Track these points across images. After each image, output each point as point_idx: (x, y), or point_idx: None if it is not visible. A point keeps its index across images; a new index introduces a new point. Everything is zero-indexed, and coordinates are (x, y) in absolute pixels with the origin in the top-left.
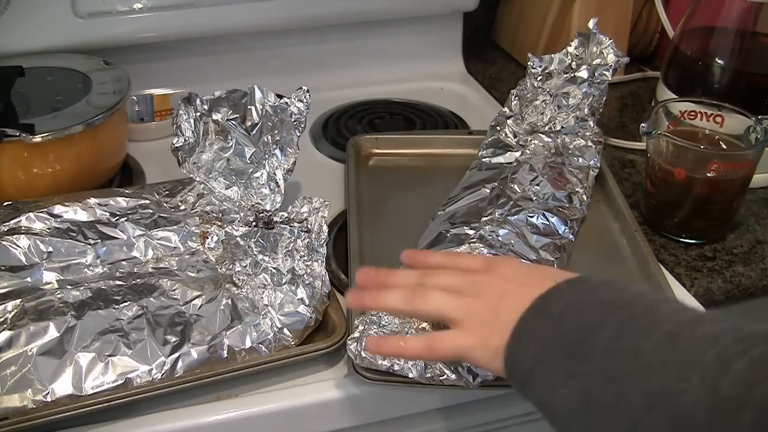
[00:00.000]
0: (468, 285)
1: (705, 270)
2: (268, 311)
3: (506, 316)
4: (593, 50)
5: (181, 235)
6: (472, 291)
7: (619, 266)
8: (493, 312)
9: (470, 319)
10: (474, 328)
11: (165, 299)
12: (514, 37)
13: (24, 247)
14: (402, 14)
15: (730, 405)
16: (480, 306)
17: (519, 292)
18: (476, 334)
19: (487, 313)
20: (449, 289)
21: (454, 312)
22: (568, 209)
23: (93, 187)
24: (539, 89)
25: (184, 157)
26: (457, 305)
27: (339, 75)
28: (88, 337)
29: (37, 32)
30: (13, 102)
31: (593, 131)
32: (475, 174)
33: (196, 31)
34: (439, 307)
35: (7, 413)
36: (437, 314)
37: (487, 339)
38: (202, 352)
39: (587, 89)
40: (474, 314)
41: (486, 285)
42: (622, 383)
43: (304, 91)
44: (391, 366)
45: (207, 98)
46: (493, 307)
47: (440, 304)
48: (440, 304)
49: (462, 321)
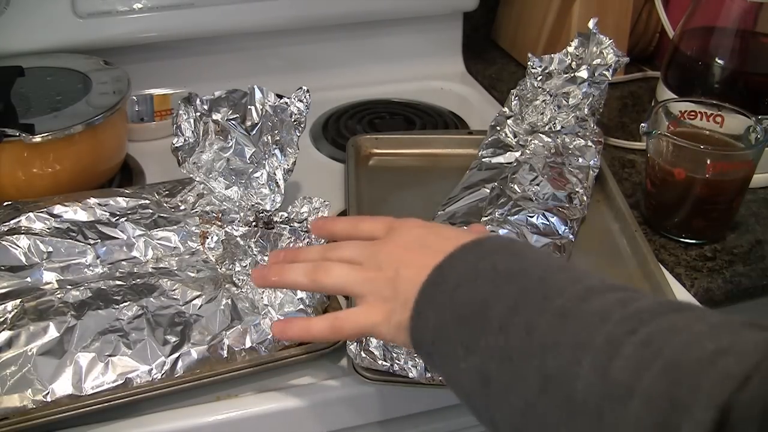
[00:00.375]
0: (368, 256)
1: (705, 270)
2: (268, 311)
3: (406, 289)
4: (593, 50)
5: (181, 235)
6: (373, 263)
7: (619, 266)
8: (393, 285)
9: (372, 294)
10: (377, 304)
11: (165, 299)
12: (514, 37)
13: (24, 247)
14: (402, 14)
15: (619, 392)
16: (380, 280)
17: (417, 262)
18: (379, 310)
19: (388, 287)
20: (352, 261)
21: (355, 287)
22: (568, 209)
23: (93, 187)
24: (539, 89)
25: (184, 157)
26: (357, 279)
27: (339, 75)
28: (88, 337)
29: (37, 32)
30: (13, 102)
31: (593, 131)
32: (475, 174)
33: (196, 31)
34: (340, 281)
35: (7, 413)
36: (339, 289)
37: (389, 314)
38: (202, 352)
39: (587, 89)
40: (376, 289)
41: (386, 256)
42: (518, 362)
43: (304, 91)
44: (391, 366)
45: (207, 98)
46: (393, 281)
47: (341, 279)
48: (341, 279)
49: (365, 296)
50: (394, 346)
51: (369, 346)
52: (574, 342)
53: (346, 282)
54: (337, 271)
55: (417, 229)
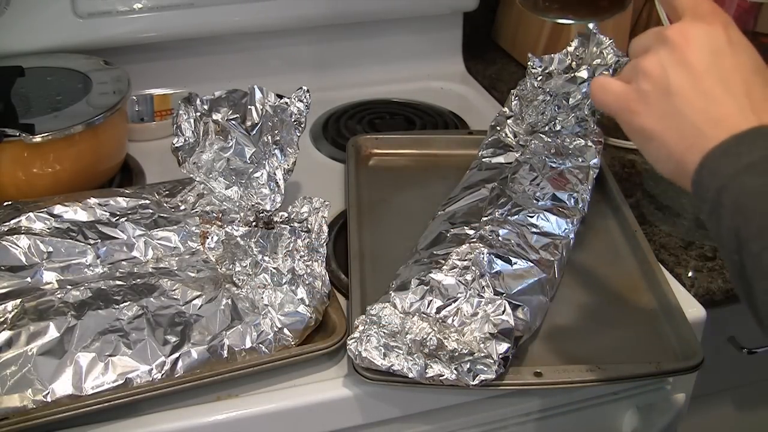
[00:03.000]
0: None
1: (705, 270)
2: (268, 311)
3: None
4: (593, 50)
5: (181, 235)
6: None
7: (619, 266)
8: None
9: None
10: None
11: (165, 299)
12: (514, 37)
13: (24, 247)
14: (402, 14)
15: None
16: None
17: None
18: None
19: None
20: None
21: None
22: (568, 209)
23: (93, 187)
24: (539, 89)
25: (184, 157)
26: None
27: (339, 75)
28: (88, 337)
29: (37, 32)
30: (13, 102)
31: (593, 131)
32: (475, 174)
33: (196, 31)
34: None
35: (7, 413)
36: None
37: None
38: (202, 352)
39: (587, 89)
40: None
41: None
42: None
43: (304, 91)
44: (391, 366)
45: (207, 98)
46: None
47: None
48: None
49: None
50: (394, 345)
51: (369, 346)
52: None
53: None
54: None
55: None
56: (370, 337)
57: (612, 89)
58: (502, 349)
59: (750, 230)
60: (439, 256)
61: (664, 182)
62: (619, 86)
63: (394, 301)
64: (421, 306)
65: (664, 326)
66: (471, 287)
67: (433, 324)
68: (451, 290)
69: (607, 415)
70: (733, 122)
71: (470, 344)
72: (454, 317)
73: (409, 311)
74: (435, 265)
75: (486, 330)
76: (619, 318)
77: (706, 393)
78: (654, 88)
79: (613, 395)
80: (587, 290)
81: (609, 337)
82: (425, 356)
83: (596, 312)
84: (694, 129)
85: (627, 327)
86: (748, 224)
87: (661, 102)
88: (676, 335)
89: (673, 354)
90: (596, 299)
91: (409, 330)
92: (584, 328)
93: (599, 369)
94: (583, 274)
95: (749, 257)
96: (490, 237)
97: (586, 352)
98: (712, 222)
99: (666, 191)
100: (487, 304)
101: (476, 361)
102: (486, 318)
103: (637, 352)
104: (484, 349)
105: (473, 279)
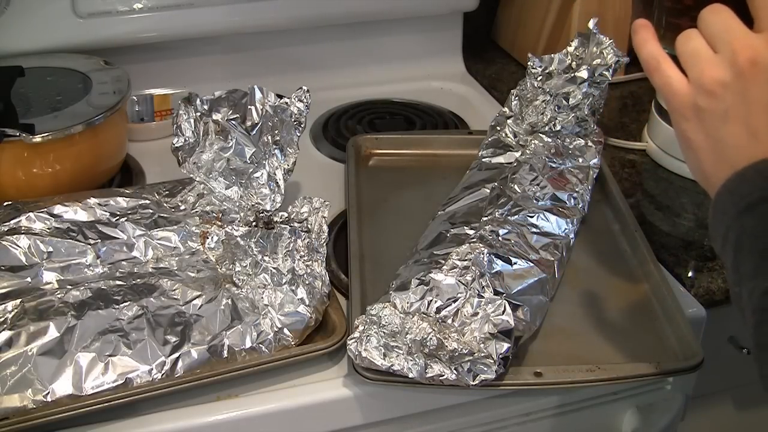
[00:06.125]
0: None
1: (705, 270)
2: (268, 311)
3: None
4: (593, 50)
5: (181, 235)
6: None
7: (619, 266)
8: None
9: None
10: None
11: (165, 299)
12: (514, 37)
13: (24, 247)
14: (402, 14)
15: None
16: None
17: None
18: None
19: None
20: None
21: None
22: (568, 209)
23: (93, 187)
24: (539, 89)
25: (184, 157)
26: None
27: (339, 75)
28: (88, 337)
29: (37, 32)
30: (13, 102)
31: (593, 131)
32: (475, 174)
33: (196, 31)
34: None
35: (7, 413)
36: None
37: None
38: (202, 352)
39: (587, 89)
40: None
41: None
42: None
43: (304, 91)
44: (391, 366)
45: (207, 98)
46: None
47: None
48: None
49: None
50: (394, 345)
51: (369, 346)
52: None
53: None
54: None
55: None
56: (370, 337)
57: (673, 89)
58: (502, 349)
59: (746, 268)
60: (439, 256)
61: (664, 182)
62: (682, 87)
63: (394, 301)
64: (421, 306)
65: (664, 326)
66: (471, 287)
67: (433, 324)
68: (451, 290)
69: (607, 415)
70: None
71: (470, 344)
72: (454, 317)
73: (409, 311)
74: (435, 265)
75: (486, 330)
76: (619, 318)
77: (706, 393)
78: (710, 109)
79: (613, 395)
80: (587, 290)
81: (609, 337)
82: (425, 356)
83: (596, 312)
84: (730, 161)
85: (627, 327)
86: (746, 262)
87: (712, 123)
88: (676, 335)
89: (673, 354)
90: (596, 299)
91: (409, 330)
92: (584, 328)
93: (599, 369)
94: (583, 274)
95: (746, 292)
96: (490, 237)
97: (586, 352)
98: (722, 256)
99: (666, 191)
100: (487, 304)
101: (476, 361)
102: (486, 318)
103: (637, 352)
104: (484, 349)
105: (473, 279)
